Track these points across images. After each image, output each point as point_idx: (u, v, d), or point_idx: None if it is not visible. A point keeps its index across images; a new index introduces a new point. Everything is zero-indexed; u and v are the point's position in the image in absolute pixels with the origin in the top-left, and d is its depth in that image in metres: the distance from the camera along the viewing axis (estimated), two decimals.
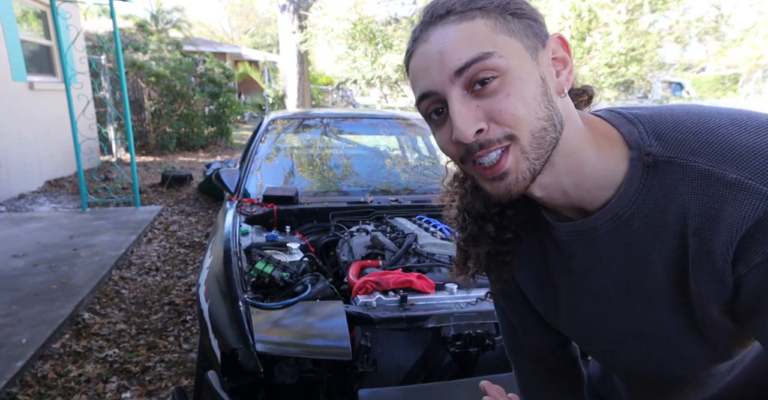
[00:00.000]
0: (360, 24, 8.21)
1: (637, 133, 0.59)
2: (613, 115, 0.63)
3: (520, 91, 0.55)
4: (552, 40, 0.60)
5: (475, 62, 0.55)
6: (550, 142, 0.57)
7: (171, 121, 9.73)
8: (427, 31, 0.59)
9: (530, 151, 0.57)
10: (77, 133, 4.99)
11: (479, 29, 0.56)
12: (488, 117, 0.56)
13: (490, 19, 0.56)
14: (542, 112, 0.56)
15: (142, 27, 12.30)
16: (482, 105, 0.56)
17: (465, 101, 0.56)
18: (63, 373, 2.41)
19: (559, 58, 0.61)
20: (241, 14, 32.77)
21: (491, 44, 0.55)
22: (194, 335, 2.78)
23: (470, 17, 0.56)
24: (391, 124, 3.55)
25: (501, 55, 0.55)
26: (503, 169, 0.58)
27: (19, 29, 6.13)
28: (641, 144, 0.58)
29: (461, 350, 1.45)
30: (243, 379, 1.28)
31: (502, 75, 0.55)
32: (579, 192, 0.61)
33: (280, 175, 2.93)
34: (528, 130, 0.56)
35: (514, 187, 0.59)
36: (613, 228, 0.61)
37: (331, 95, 18.63)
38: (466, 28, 0.56)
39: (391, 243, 1.97)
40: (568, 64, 0.61)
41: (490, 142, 0.57)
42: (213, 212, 5.53)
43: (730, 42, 6.95)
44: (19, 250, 3.93)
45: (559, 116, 0.58)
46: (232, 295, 1.48)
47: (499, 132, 0.56)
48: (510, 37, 0.56)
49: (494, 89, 0.55)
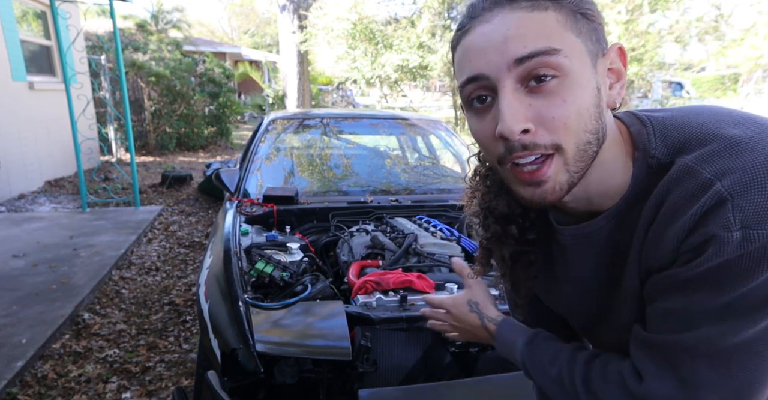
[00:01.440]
0: (360, 24, 8.21)
1: (646, 134, 0.58)
2: (627, 115, 0.62)
3: (577, 99, 0.53)
4: (612, 49, 0.58)
5: (540, 55, 0.51)
6: (591, 155, 0.56)
7: (171, 121, 9.73)
8: (491, 11, 0.54)
9: (572, 164, 0.55)
10: (77, 133, 4.99)
11: (550, 22, 0.53)
12: (538, 120, 0.53)
13: (562, 14, 0.53)
14: (591, 125, 0.54)
15: (142, 27, 12.30)
16: (535, 104, 0.53)
17: (518, 95, 0.53)
18: (63, 373, 2.41)
19: (615, 69, 0.58)
20: (241, 14, 32.78)
21: (559, 40, 0.52)
22: (194, 335, 2.78)
23: (543, 7, 0.53)
24: (391, 124, 3.55)
25: (567, 54, 0.52)
26: (543, 177, 0.55)
27: (19, 29, 6.13)
28: (647, 146, 0.57)
29: (461, 350, 1.45)
30: (243, 379, 1.28)
31: (563, 76, 0.52)
32: (601, 199, 0.61)
33: (280, 175, 2.93)
34: (575, 142, 0.54)
35: (550, 196, 0.57)
36: (615, 228, 0.61)
37: (331, 95, 18.63)
38: (538, 17, 0.52)
39: (391, 243, 1.96)
40: (622, 78, 0.59)
41: (536, 145, 0.54)
42: (213, 212, 5.53)
43: (730, 42, 6.96)
44: (19, 250, 3.93)
45: (604, 130, 0.56)
46: (232, 295, 1.48)
47: (547, 138, 0.53)
48: (577, 37, 0.54)
49: (551, 90, 0.53)
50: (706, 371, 0.51)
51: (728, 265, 0.48)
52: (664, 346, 0.54)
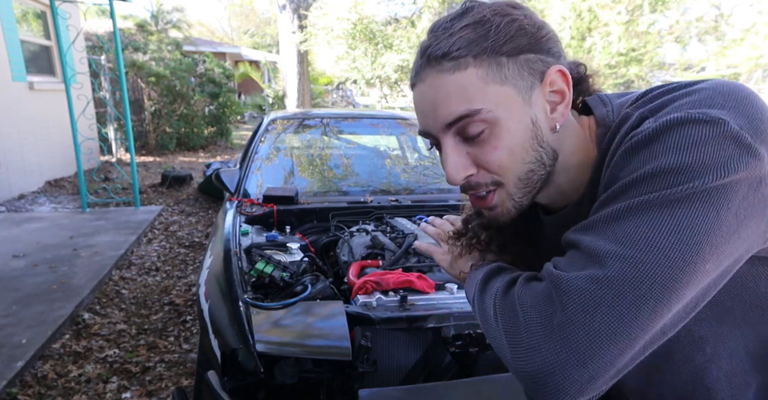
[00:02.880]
0: (360, 24, 8.21)
1: (605, 112, 0.64)
2: (593, 99, 0.67)
3: (508, 143, 0.60)
4: (551, 73, 0.60)
5: (463, 118, 0.59)
6: (538, 179, 0.63)
7: (171, 121, 9.73)
8: (424, 71, 0.62)
9: (515, 193, 0.63)
10: (77, 133, 4.99)
11: (470, 81, 0.58)
12: (477, 164, 0.62)
13: (481, 69, 0.58)
14: (529, 156, 0.61)
15: (142, 27, 12.31)
16: (472, 152, 0.61)
17: (456, 148, 0.62)
18: (63, 373, 2.41)
19: (558, 90, 0.61)
20: (241, 14, 32.78)
21: (480, 99, 0.58)
22: (194, 335, 2.78)
23: (463, 67, 0.58)
24: (391, 124, 3.55)
25: (489, 109, 0.58)
26: (490, 205, 0.65)
27: (19, 29, 6.13)
28: (606, 121, 0.63)
29: (461, 350, 1.45)
30: (243, 379, 1.28)
31: (491, 127, 0.59)
32: (579, 192, 0.66)
33: (280, 175, 2.93)
34: (514, 176, 0.62)
35: (501, 218, 0.66)
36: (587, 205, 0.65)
37: (331, 95, 18.64)
38: (458, 79, 0.58)
39: (391, 243, 1.96)
40: (566, 98, 0.62)
41: (478, 185, 0.63)
42: (213, 212, 5.53)
43: (730, 42, 6.96)
44: (19, 250, 3.93)
45: (549, 153, 0.62)
46: (232, 295, 1.48)
47: (487, 177, 0.62)
48: (502, 85, 0.58)
49: (483, 139, 0.60)
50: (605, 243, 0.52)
51: (638, 144, 0.53)
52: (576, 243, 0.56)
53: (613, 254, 0.49)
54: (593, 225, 0.54)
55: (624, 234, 0.50)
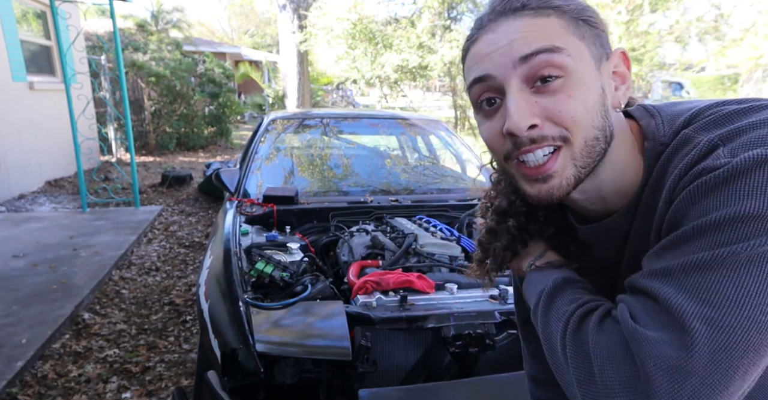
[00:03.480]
0: (360, 24, 8.21)
1: (654, 124, 0.59)
2: (638, 109, 0.64)
3: (583, 95, 0.55)
4: (616, 54, 0.60)
5: (543, 52, 0.54)
6: (599, 152, 0.57)
7: (171, 121, 9.73)
8: (497, 22, 0.57)
9: (579, 158, 0.56)
10: (77, 133, 4.99)
11: (553, 26, 0.55)
12: (545, 115, 0.55)
13: (564, 20, 0.56)
14: (598, 121, 0.56)
15: (142, 27, 12.31)
16: (541, 102, 0.55)
17: (524, 94, 0.55)
18: (63, 373, 2.41)
19: (620, 73, 0.61)
20: (241, 14, 32.78)
21: (563, 41, 0.55)
22: (194, 335, 2.78)
23: (545, 14, 0.56)
24: (391, 124, 3.55)
25: (570, 54, 0.55)
26: (549, 172, 0.57)
27: (19, 29, 6.13)
28: (656, 134, 0.58)
29: (461, 350, 1.45)
30: (243, 379, 1.28)
31: (567, 75, 0.54)
32: (616, 198, 0.62)
33: (280, 175, 2.93)
34: (582, 136, 0.55)
35: (556, 192, 0.58)
36: (637, 220, 0.61)
37: (331, 95, 18.63)
38: (541, 23, 0.55)
39: (391, 243, 1.96)
40: (627, 81, 0.61)
41: (543, 137, 0.55)
42: (213, 211, 5.53)
43: (730, 42, 6.96)
44: (19, 250, 3.93)
45: (611, 128, 0.58)
46: (232, 295, 1.48)
47: (555, 131, 0.55)
48: (580, 41, 0.56)
49: (556, 89, 0.55)
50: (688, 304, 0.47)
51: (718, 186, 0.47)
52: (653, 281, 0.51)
53: (698, 315, 0.45)
54: (670, 273, 0.48)
55: (708, 290, 0.45)
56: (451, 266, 1.79)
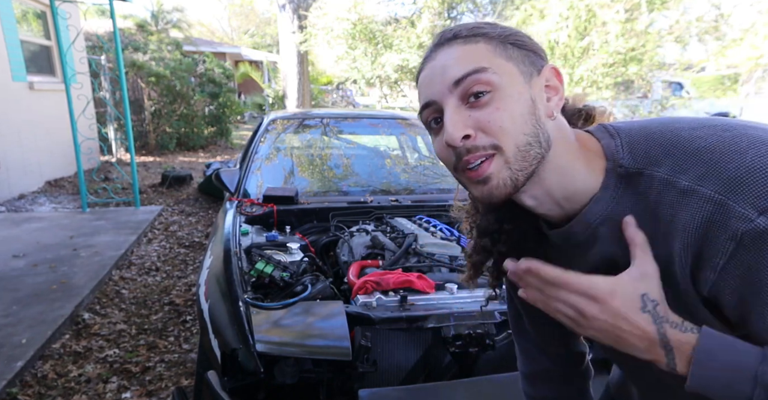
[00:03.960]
0: (360, 24, 8.21)
1: (614, 145, 0.65)
2: (598, 129, 0.69)
3: (509, 107, 0.61)
4: (546, 69, 0.66)
5: (471, 75, 0.61)
6: (535, 156, 0.62)
7: (171, 121, 9.73)
8: (436, 52, 0.66)
9: (513, 162, 0.62)
10: (77, 133, 4.99)
11: (480, 50, 0.63)
12: (477, 126, 0.62)
13: (491, 45, 0.63)
14: (528, 129, 0.62)
15: (142, 27, 12.31)
16: (474, 115, 0.62)
17: (458, 110, 0.62)
18: (63, 373, 2.41)
19: (552, 86, 0.66)
20: (241, 14, 32.77)
21: (488, 62, 0.62)
22: (194, 335, 2.78)
23: (474, 41, 0.64)
24: (391, 124, 3.55)
25: (495, 72, 0.62)
26: (486, 174, 0.63)
27: (19, 29, 6.13)
28: (616, 156, 0.64)
29: (461, 350, 1.45)
30: (243, 379, 1.28)
31: (495, 90, 0.61)
32: (570, 204, 0.67)
33: (280, 175, 2.93)
34: (513, 143, 0.61)
35: (495, 191, 0.64)
36: (589, 235, 0.67)
37: (331, 95, 18.63)
38: (469, 49, 0.63)
39: (391, 243, 1.96)
40: (559, 92, 0.67)
41: (476, 147, 0.62)
42: (213, 212, 5.53)
43: (730, 42, 6.95)
44: (19, 250, 3.93)
45: (545, 135, 0.63)
46: (232, 295, 1.48)
47: (486, 140, 0.62)
48: (507, 61, 0.63)
49: (486, 102, 0.61)
50: None
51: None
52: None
53: None
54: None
55: None
56: (451, 266, 1.80)
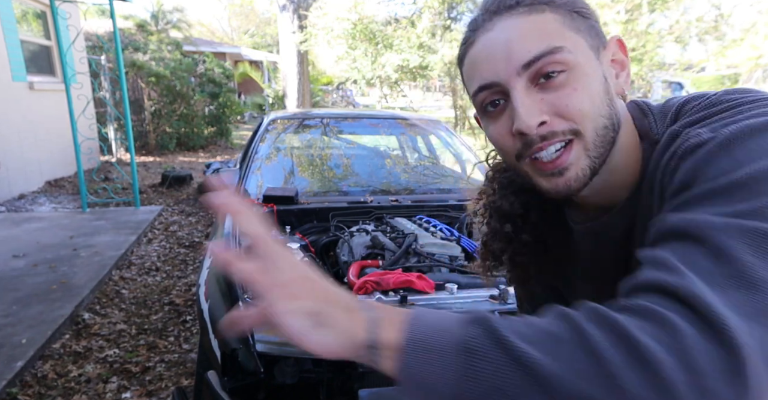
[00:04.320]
0: (360, 24, 8.21)
1: (647, 123, 0.60)
2: (632, 107, 0.63)
3: (587, 87, 0.55)
4: (612, 42, 0.60)
5: (544, 56, 0.54)
6: (610, 141, 0.57)
7: (171, 121, 9.73)
8: (492, 21, 0.57)
9: (592, 149, 0.56)
10: (77, 133, 4.99)
11: (549, 23, 0.55)
12: (553, 111, 0.55)
13: (558, 15, 0.56)
14: (605, 109, 0.56)
15: (142, 27, 12.32)
16: (547, 98, 0.55)
17: (529, 93, 0.55)
18: (63, 373, 2.41)
19: (618, 60, 0.61)
20: (241, 14, 32.78)
21: (560, 38, 0.55)
22: (194, 335, 2.78)
23: (540, 10, 0.55)
24: (391, 124, 3.55)
25: (570, 50, 0.55)
26: (564, 164, 0.56)
27: (19, 29, 6.13)
28: (650, 133, 0.59)
29: None
30: (243, 379, 1.28)
31: (570, 70, 0.54)
32: (619, 190, 0.61)
33: (280, 175, 2.93)
34: (592, 127, 0.55)
35: (574, 184, 0.57)
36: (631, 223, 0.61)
37: (331, 95, 18.64)
38: (536, 20, 0.55)
39: (391, 243, 1.96)
40: (626, 67, 0.61)
41: (553, 133, 0.55)
42: (213, 212, 5.52)
43: (730, 42, 6.96)
44: (19, 250, 3.93)
45: (617, 116, 0.58)
46: (232, 295, 1.48)
47: (564, 125, 0.55)
48: (576, 33, 0.56)
49: (561, 83, 0.54)
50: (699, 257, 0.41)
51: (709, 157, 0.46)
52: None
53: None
54: (719, 225, 0.41)
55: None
56: (451, 266, 1.79)
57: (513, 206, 0.71)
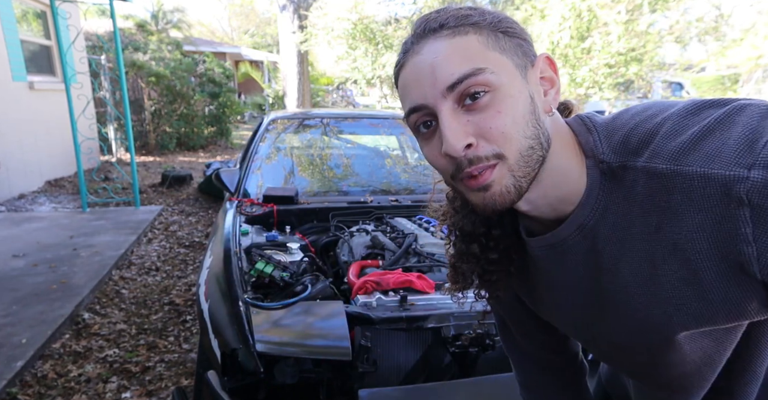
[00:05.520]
0: (360, 24, 8.21)
1: (592, 141, 0.60)
2: (576, 123, 0.64)
3: (510, 109, 0.56)
4: (540, 59, 0.61)
5: (467, 78, 0.55)
6: (537, 160, 0.58)
7: (171, 121, 9.73)
8: (419, 44, 0.58)
9: (516, 169, 0.57)
10: (77, 133, 4.99)
11: (471, 44, 0.56)
12: (478, 133, 0.56)
13: (482, 36, 0.56)
14: (530, 130, 0.57)
15: (142, 27, 12.32)
16: (473, 120, 0.56)
17: (456, 115, 0.56)
18: (63, 373, 2.41)
19: (547, 77, 0.61)
20: (241, 14, 32.77)
21: (483, 60, 0.55)
22: (194, 335, 2.78)
23: (463, 33, 0.56)
24: (391, 124, 3.55)
25: (493, 71, 0.55)
26: (487, 182, 0.57)
27: (19, 29, 6.13)
28: (595, 152, 0.60)
29: (461, 350, 1.45)
30: (243, 379, 1.28)
31: (494, 91, 0.55)
32: (564, 205, 0.62)
33: (280, 175, 2.93)
34: (516, 149, 0.56)
35: (498, 199, 0.58)
36: (581, 238, 0.62)
37: (331, 95, 18.64)
38: (459, 42, 0.56)
39: (391, 243, 1.96)
40: (556, 84, 0.62)
41: (478, 158, 0.56)
42: (213, 212, 5.53)
43: (730, 42, 6.95)
44: (19, 250, 3.93)
45: (545, 135, 0.58)
46: (232, 295, 1.48)
47: (488, 149, 0.56)
48: (501, 54, 0.57)
49: (485, 105, 0.55)
50: None
51: None
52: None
53: None
54: None
55: None
56: None
57: (475, 225, 0.71)
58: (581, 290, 0.66)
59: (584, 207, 0.60)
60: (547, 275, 0.70)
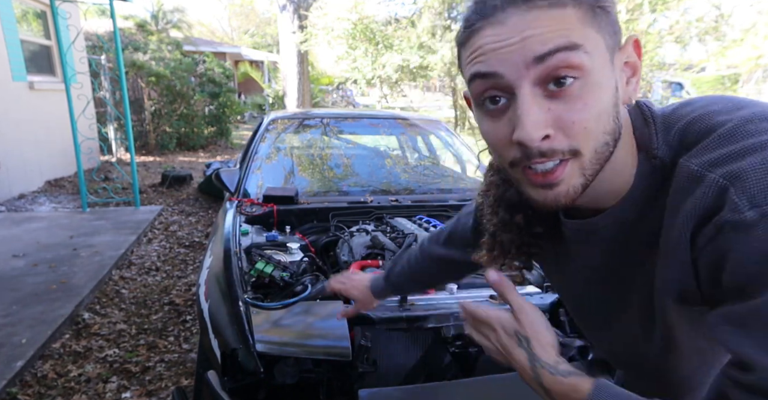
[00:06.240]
0: (360, 24, 8.21)
1: (648, 134, 0.57)
2: (635, 112, 0.59)
3: (597, 101, 0.51)
4: (629, 42, 0.55)
5: (561, 50, 0.48)
6: (607, 156, 0.54)
7: (171, 121, 9.73)
8: (505, 12, 0.50)
9: (588, 167, 0.53)
10: (77, 133, 4.99)
11: (569, 19, 0.49)
12: (558, 125, 0.51)
13: (581, 10, 0.50)
14: (610, 125, 0.52)
15: (142, 27, 12.32)
16: (554, 109, 0.50)
17: (537, 100, 0.50)
18: (63, 373, 2.41)
19: (631, 63, 0.56)
20: (241, 14, 32.77)
21: (581, 36, 0.49)
22: (194, 335, 2.78)
23: (561, 4, 0.50)
24: (391, 124, 3.55)
25: (587, 50, 0.49)
26: (557, 180, 0.53)
27: (19, 29, 6.13)
28: (650, 146, 0.56)
29: (461, 350, 1.45)
30: (243, 379, 1.28)
31: (584, 77, 0.50)
32: (606, 199, 0.60)
33: (280, 175, 2.93)
34: (593, 146, 0.52)
35: (563, 199, 0.54)
36: (617, 231, 0.60)
37: (331, 95, 18.64)
38: (556, 14, 0.49)
39: (391, 243, 1.96)
40: (638, 72, 0.56)
41: (554, 152, 0.51)
42: (213, 212, 5.53)
43: (730, 42, 6.95)
44: (19, 250, 3.93)
45: (620, 129, 0.54)
46: (232, 295, 1.48)
47: (565, 144, 0.51)
48: (597, 32, 0.51)
49: (571, 94, 0.50)
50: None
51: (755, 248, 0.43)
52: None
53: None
54: None
55: None
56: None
57: (522, 196, 0.66)
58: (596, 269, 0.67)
59: (626, 201, 0.58)
60: (574, 256, 0.70)
